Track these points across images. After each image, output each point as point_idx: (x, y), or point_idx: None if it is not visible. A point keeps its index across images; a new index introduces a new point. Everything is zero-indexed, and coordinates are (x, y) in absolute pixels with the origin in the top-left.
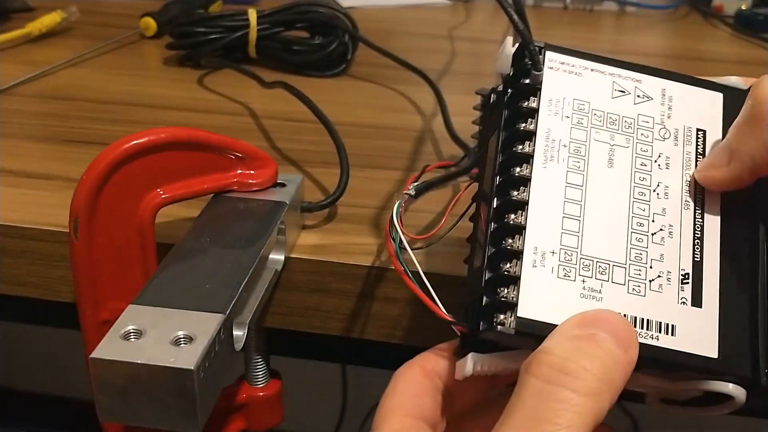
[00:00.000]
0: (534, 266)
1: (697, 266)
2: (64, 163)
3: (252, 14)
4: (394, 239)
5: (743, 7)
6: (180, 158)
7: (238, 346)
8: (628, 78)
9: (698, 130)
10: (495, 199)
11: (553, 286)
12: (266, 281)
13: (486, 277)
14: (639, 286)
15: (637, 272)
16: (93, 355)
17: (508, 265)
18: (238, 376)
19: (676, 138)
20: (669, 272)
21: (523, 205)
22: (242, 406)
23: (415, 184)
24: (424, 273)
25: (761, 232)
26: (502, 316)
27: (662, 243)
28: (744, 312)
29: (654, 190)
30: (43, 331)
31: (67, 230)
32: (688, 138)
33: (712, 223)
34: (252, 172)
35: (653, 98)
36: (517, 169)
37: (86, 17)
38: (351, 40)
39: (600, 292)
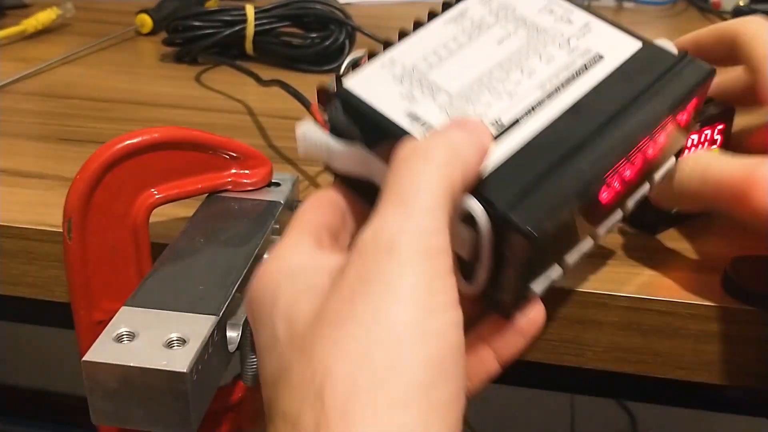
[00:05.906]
0: (382, 67)
1: (515, 125)
2: (59, 162)
3: (249, 9)
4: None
5: (741, 3)
6: (174, 158)
7: (232, 347)
8: (561, 7)
9: (598, 54)
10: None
11: (386, 82)
12: None
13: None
14: (453, 115)
15: (460, 106)
16: (86, 357)
17: (367, 59)
18: (233, 376)
19: (572, 50)
20: (487, 116)
21: (406, 34)
22: (237, 405)
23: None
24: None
25: (596, 135)
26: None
27: (498, 99)
28: (534, 168)
29: (522, 70)
30: (40, 329)
31: (62, 230)
32: (584, 54)
33: (552, 109)
34: (247, 171)
35: (573, 23)
36: (421, 18)
37: (82, 14)
38: (349, 35)
39: (418, 102)
